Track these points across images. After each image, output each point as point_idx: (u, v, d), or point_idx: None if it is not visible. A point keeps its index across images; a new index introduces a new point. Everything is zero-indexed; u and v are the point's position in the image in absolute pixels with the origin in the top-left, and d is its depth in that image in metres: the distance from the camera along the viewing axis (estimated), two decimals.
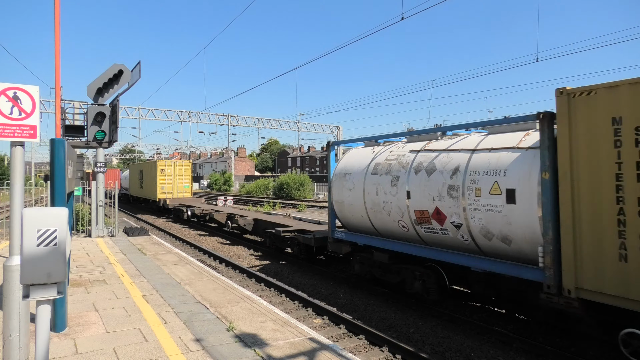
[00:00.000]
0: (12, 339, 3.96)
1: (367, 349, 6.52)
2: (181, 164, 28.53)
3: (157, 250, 12.15)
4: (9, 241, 4.29)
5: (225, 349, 5.03)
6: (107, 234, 14.84)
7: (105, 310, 6.51)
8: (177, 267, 9.90)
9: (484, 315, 7.83)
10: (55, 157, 5.25)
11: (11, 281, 4.05)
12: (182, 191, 28.00)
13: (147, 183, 30.33)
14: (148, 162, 32.60)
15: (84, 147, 14.07)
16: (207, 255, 14.37)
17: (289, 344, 5.24)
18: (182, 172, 28.30)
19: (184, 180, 28.42)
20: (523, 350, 6.38)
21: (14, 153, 4.24)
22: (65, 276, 3.17)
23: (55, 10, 9.72)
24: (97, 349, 5.00)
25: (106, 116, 13.42)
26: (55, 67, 10.00)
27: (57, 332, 5.45)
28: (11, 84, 4.22)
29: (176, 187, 27.82)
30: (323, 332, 7.11)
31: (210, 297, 7.31)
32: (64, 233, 3.14)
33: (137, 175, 33.40)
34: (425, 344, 6.69)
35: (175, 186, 27.81)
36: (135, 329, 5.70)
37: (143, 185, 31.44)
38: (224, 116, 38.08)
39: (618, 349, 5.78)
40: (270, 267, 12.47)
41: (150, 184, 29.15)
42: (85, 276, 8.73)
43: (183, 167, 28.53)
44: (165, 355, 4.82)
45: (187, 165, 28.77)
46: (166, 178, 27.53)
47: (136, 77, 13.33)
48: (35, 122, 4.31)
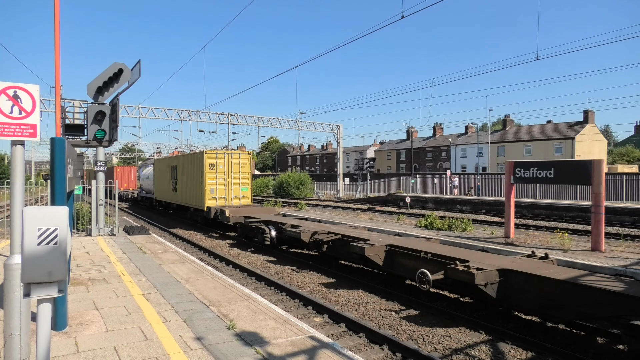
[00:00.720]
0: (13, 337, 3.96)
1: (368, 347, 6.53)
2: (237, 156, 20.24)
3: (157, 249, 12.16)
4: (10, 240, 4.30)
5: (225, 347, 5.04)
6: (107, 232, 14.85)
7: (105, 309, 6.52)
8: (178, 265, 9.91)
9: (484, 314, 7.84)
10: (56, 156, 5.25)
11: (12, 280, 4.05)
12: (238, 196, 20.07)
13: (184, 184, 22.34)
14: (188, 155, 23.19)
15: (84, 146, 14.08)
16: (207, 254, 14.38)
17: (290, 342, 5.25)
18: (238, 168, 20.13)
19: (241, 179, 20.23)
20: (523, 348, 6.40)
21: (14, 152, 4.24)
22: (66, 275, 3.18)
23: (55, 8, 9.72)
24: (98, 347, 5.01)
25: (106, 115, 13.44)
26: (55, 66, 9.99)
27: (58, 331, 5.46)
28: (11, 83, 4.22)
29: (231, 191, 19.87)
30: (323, 330, 7.13)
31: (210, 296, 7.32)
32: (65, 232, 3.15)
33: (167, 173, 25.42)
34: (426, 343, 6.70)
35: (230, 189, 19.87)
36: (136, 327, 5.71)
37: (177, 186, 23.49)
38: (224, 115, 38.07)
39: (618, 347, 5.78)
40: (271, 265, 12.48)
41: (190, 185, 21.19)
42: (86, 275, 8.74)
43: (241, 161, 20.20)
44: (166, 354, 4.83)
45: (245, 159, 20.45)
46: (217, 177, 19.42)
47: (136, 76, 13.34)
48: (36, 121, 4.31)
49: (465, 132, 72.37)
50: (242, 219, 16.76)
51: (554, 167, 12.53)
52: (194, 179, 20.48)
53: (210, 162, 19.30)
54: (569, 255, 10.66)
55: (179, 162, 23.55)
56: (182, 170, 22.60)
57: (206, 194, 19.17)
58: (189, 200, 21.52)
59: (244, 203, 20.15)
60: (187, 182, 21.76)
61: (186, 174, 21.92)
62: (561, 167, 12.50)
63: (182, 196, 22.72)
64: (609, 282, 6.42)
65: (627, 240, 13.95)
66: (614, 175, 27.51)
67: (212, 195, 19.35)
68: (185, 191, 22.05)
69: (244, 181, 20.34)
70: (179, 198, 23.48)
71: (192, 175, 20.79)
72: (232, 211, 17.65)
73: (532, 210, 24.89)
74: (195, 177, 20.17)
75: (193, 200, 20.87)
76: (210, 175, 19.32)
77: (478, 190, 33.95)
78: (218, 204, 19.43)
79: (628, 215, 20.77)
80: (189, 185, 21.32)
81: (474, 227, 16.95)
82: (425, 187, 39.43)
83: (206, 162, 19.20)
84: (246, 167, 20.35)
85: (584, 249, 11.74)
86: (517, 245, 12.16)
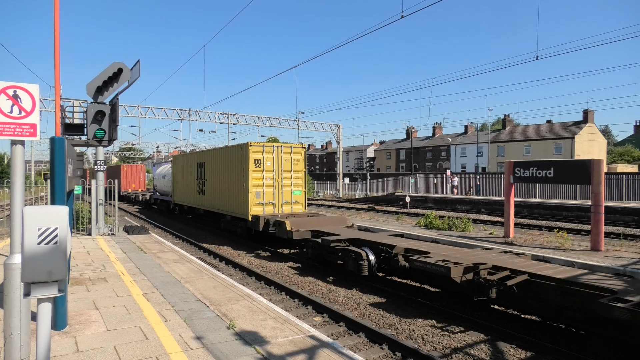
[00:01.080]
0: (13, 337, 3.97)
1: (367, 347, 6.54)
2: (289, 149, 15.97)
3: (157, 249, 12.16)
4: (10, 239, 4.30)
5: (225, 347, 5.05)
6: (107, 232, 14.86)
7: (105, 308, 6.52)
8: (177, 265, 9.91)
9: (483, 314, 7.85)
10: (56, 155, 5.26)
11: (12, 279, 4.06)
12: (290, 201, 15.94)
13: (217, 185, 17.88)
14: (223, 148, 18.07)
15: (83, 145, 14.08)
16: (207, 253, 14.39)
17: (289, 341, 5.25)
18: (290, 165, 15.91)
19: (294, 180, 16.04)
20: (522, 347, 6.41)
21: (14, 151, 4.24)
22: (66, 274, 3.18)
23: (54, 8, 9.71)
24: (98, 347, 5.01)
25: (106, 114, 13.44)
26: (55, 65, 9.98)
27: (58, 330, 5.46)
28: (11, 83, 4.22)
29: (281, 195, 15.65)
30: (323, 329, 7.13)
31: (210, 295, 7.32)
32: (65, 231, 3.15)
33: (191, 172, 21.13)
34: (425, 342, 6.71)
35: (280, 192, 15.63)
36: (136, 327, 5.71)
37: (206, 188, 19.08)
38: (223, 114, 38.05)
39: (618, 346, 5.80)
40: (271, 265, 12.49)
41: (227, 187, 16.81)
42: (86, 274, 8.74)
43: (293, 157, 15.97)
44: (166, 353, 4.84)
45: (298, 153, 16.23)
46: (264, 177, 15.26)
47: (136, 76, 13.34)
48: (35, 121, 4.31)
49: (465, 131, 72.40)
50: (308, 233, 12.74)
51: (554, 166, 12.54)
52: (232, 179, 16.20)
53: (256, 158, 14.96)
54: (569, 254, 10.67)
55: (209, 157, 18.89)
56: (214, 167, 18.11)
57: (251, 198, 14.84)
58: (224, 205, 17.14)
59: (297, 210, 15.91)
60: (220, 183, 17.42)
61: (219, 173, 17.52)
62: (561, 167, 12.51)
63: (213, 200, 18.31)
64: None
65: (626, 240, 13.95)
66: (613, 175, 27.53)
67: (257, 201, 15.01)
68: (218, 194, 17.72)
69: (297, 182, 16.08)
70: (207, 202, 19.02)
71: (229, 174, 16.51)
72: (295, 223, 13.12)
73: (531, 210, 24.90)
74: (235, 176, 15.91)
75: (230, 206, 16.55)
76: (255, 175, 15.02)
77: (478, 190, 33.96)
78: (265, 211, 15.20)
79: (628, 215, 20.78)
80: (225, 186, 16.96)
81: (474, 226, 16.95)
82: (424, 187, 39.44)
83: (251, 158, 14.85)
84: (299, 164, 16.11)
85: (584, 248, 11.74)
86: (516, 245, 12.16)
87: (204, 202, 19.53)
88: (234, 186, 16.11)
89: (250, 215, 14.92)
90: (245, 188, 15.13)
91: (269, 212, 15.25)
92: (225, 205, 17.14)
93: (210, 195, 18.63)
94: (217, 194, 17.84)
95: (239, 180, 15.62)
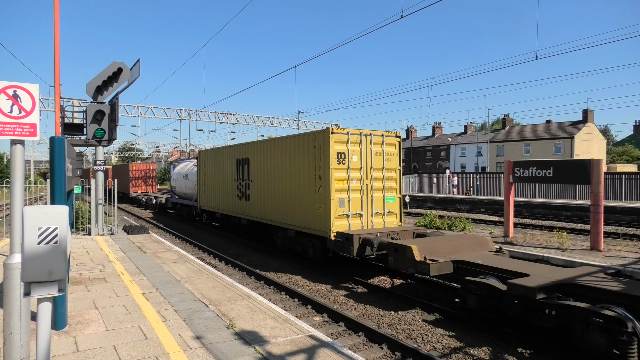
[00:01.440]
0: (13, 336, 3.97)
1: (367, 346, 6.55)
2: (380, 139, 11.74)
3: (156, 248, 12.16)
4: (9, 239, 4.30)
5: (225, 347, 5.05)
6: (106, 232, 14.85)
7: (105, 308, 6.53)
8: (177, 265, 9.91)
9: (483, 314, 7.85)
10: (55, 155, 5.26)
11: (12, 279, 4.06)
12: (382, 211, 11.74)
13: (272, 189, 13.46)
14: (282, 138, 13.27)
15: (83, 145, 14.08)
16: (206, 253, 14.38)
17: (289, 341, 5.26)
18: (382, 161, 11.76)
19: (386, 182, 11.88)
20: (522, 347, 6.41)
21: (14, 151, 4.24)
22: (66, 274, 3.19)
23: (54, 8, 9.71)
24: (98, 346, 5.02)
25: (105, 114, 13.44)
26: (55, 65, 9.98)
27: (58, 330, 5.46)
28: (11, 82, 4.22)
29: (371, 202, 11.49)
30: (323, 329, 7.14)
31: (210, 295, 7.32)
32: (65, 231, 3.15)
33: (226, 171, 16.83)
34: (425, 342, 6.72)
35: (369, 199, 11.45)
36: (136, 326, 5.71)
37: (252, 192, 14.76)
38: (223, 114, 38.04)
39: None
40: (270, 264, 12.48)
41: (290, 192, 12.45)
42: (85, 274, 8.74)
43: (385, 149, 11.83)
44: (166, 353, 4.84)
45: (391, 145, 12.03)
46: (350, 177, 11.09)
47: (135, 75, 13.34)
48: (35, 121, 4.32)
49: (464, 131, 72.42)
50: (449, 266, 8.23)
51: (553, 166, 12.55)
52: (299, 180, 11.77)
53: (340, 150, 10.74)
54: (568, 254, 10.67)
55: (255, 152, 14.50)
56: (265, 165, 13.73)
57: (333, 208, 10.57)
58: (283, 216, 12.65)
59: (391, 224, 11.64)
60: (276, 186, 13.02)
61: (274, 172, 13.15)
62: (560, 167, 12.51)
63: (262, 208, 13.87)
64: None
65: (626, 240, 13.96)
66: (613, 175, 27.55)
67: (341, 211, 10.79)
68: (272, 201, 13.23)
69: (390, 184, 11.68)
70: (253, 211, 14.64)
71: (292, 173, 12.11)
72: (423, 249, 8.47)
73: (531, 210, 24.92)
74: (304, 176, 11.54)
75: (293, 217, 12.11)
76: (339, 175, 10.75)
77: (477, 190, 33.98)
78: (352, 226, 10.93)
79: (627, 215, 20.80)
80: (284, 190, 12.54)
81: (473, 226, 16.97)
82: (424, 187, 39.44)
83: (333, 150, 10.59)
84: (393, 160, 11.75)
85: (583, 248, 11.75)
86: (516, 245, 12.17)
87: (247, 209, 15.14)
88: (301, 190, 11.69)
89: (332, 232, 10.44)
90: (325, 193, 10.66)
91: (357, 228, 10.83)
92: (285, 215, 12.60)
93: (258, 202, 14.23)
94: (271, 200, 13.36)
95: (310, 181, 11.25)
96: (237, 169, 16.04)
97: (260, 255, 14.01)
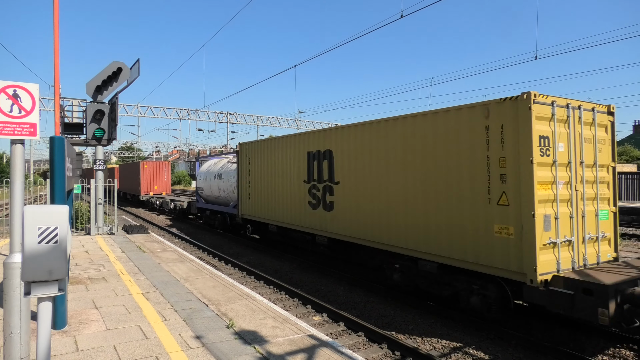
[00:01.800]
0: (13, 336, 3.97)
1: (367, 346, 6.56)
2: (590, 115, 7.13)
3: (156, 248, 12.16)
4: (9, 239, 4.30)
5: (225, 346, 5.06)
6: (106, 231, 14.85)
7: (105, 307, 6.53)
8: (177, 264, 9.91)
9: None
10: (55, 155, 5.26)
11: (12, 279, 4.06)
12: (595, 236, 7.00)
13: (392, 196, 8.73)
14: (421, 117, 8.06)
15: (83, 144, 14.08)
16: (206, 252, 14.39)
17: (289, 340, 5.26)
18: (592, 153, 7.09)
19: (599, 187, 7.18)
20: (521, 346, 6.42)
21: (14, 151, 4.24)
22: (66, 273, 3.19)
23: (54, 7, 9.71)
24: (98, 346, 5.02)
25: (105, 114, 13.44)
26: (55, 64, 9.98)
27: (58, 330, 5.46)
28: (11, 82, 4.22)
29: (582, 221, 6.85)
30: (322, 329, 7.15)
31: (210, 295, 7.33)
32: (65, 230, 3.15)
33: (292, 168, 12.66)
34: (424, 341, 6.72)
35: (579, 214, 6.84)
36: (135, 326, 5.72)
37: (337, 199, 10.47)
38: (223, 114, 38.05)
39: (618, 345, 5.80)
40: (270, 264, 12.49)
41: (434, 200, 7.75)
42: (85, 274, 8.75)
43: (596, 133, 7.17)
44: (166, 352, 4.85)
45: (602, 127, 7.36)
46: (556, 179, 6.47)
47: (135, 75, 13.34)
48: (35, 120, 4.32)
49: None
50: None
51: None
52: (449, 181, 7.59)
53: (542, 133, 6.50)
54: None
55: (346, 139, 10.26)
56: (367, 158, 9.57)
57: (537, 231, 6.26)
58: (413, 239, 8.27)
59: (605, 257, 7.23)
60: (394, 191, 8.78)
61: (390, 169, 8.94)
62: None
63: (363, 223, 9.59)
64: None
65: (625, 240, 13.99)
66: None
67: (547, 238, 6.39)
68: (384, 212, 9.01)
69: (602, 191, 7.41)
70: (340, 226, 10.33)
71: (434, 169, 7.91)
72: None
73: None
74: (464, 176, 7.32)
75: (438, 242, 7.74)
76: (542, 175, 6.47)
77: None
78: (561, 264, 6.49)
79: (626, 215, 20.82)
80: (415, 198, 8.27)
81: None
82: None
83: (535, 133, 6.37)
84: (605, 152, 7.46)
85: None
86: None
87: (327, 223, 10.83)
88: (454, 198, 7.46)
89: (538, 273, 6.19)
90: (516, 206, 6.50)
91: (567, 265, 6.64)
92: (413, 237, 8.23)
93: (350, 213, 9.99)
94: (380, 211, 9.10)
95: (478, 184, 7.08)
96: (308, 166, 11.66)
97: (260, 254, 14.12)
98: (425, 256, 7.98)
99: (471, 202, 7.15)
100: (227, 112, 38.23)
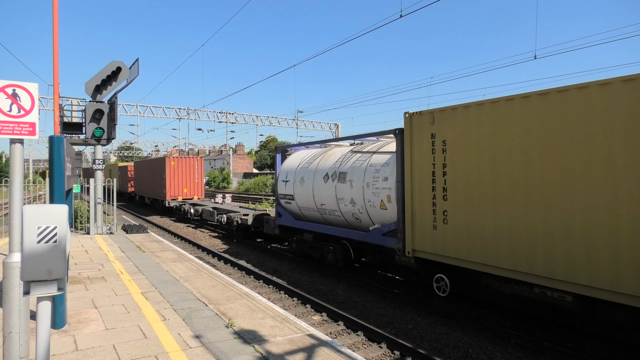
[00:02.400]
0: (12, 335, 3.97)
1: (366, 345, 6.56)
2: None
3: (155, 248, 12.15)
4: (9, 238, 4.30)
5: (224, 345, 5.06)
6: (105, 231, 14.84)
7: (104, 307, 6.53)
8: (176, 264, 9.91)
9: (482, 312, 7.87)
10: (55, 154, 5.26)
11: (11, 278, 4.06)
12: None
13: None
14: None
15: (82, 144, 14.07)
16: (205, 252, 14.38)
17: (288, 340, 5.27)
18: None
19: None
20: (521, 346, 6.43)
21: (13, 150, 4.24)
22: (65, 273, 3.19)
23: (53, 7, 9.70)
24: (97, 345, 5.02)
25: (104, 113, 13.42)
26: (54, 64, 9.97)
27: (57, 329, 5.46)
28: (10, 81, 4.22)
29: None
30: (322, 328, 7.15)
31: (209, 294, 7.33)
32: (64, 230, 3.15)
33: (589, 155, 5.26)
34: (424, 340, 6.73)
35: None
36: (135, 325, 5.72)
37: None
38: (222, 113, 38.04)
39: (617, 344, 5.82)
40: (269, 263, 12.49)
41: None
42: (84, 273, 8.74)
43: None
44: (165, 352, 4.85)
45: None
46: None
47: (134, 74, 13.32)
48: (34, 120, 4.31)
49: None
50: None
51: None
52: None
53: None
54: None
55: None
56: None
57: None
58: None
59: None
60: None
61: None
62: None
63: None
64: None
65: None
66: None
67: None
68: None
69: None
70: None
71: None
72: None
73: None
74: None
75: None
76: None
77: None
78: None
79: None
80: None
81: None
82: None
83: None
84: None
85: None
86: None
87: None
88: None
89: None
90: None
91: None
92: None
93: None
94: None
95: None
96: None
97: (259, 254, 14.07)
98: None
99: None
100: (227, 112, 38.23)
